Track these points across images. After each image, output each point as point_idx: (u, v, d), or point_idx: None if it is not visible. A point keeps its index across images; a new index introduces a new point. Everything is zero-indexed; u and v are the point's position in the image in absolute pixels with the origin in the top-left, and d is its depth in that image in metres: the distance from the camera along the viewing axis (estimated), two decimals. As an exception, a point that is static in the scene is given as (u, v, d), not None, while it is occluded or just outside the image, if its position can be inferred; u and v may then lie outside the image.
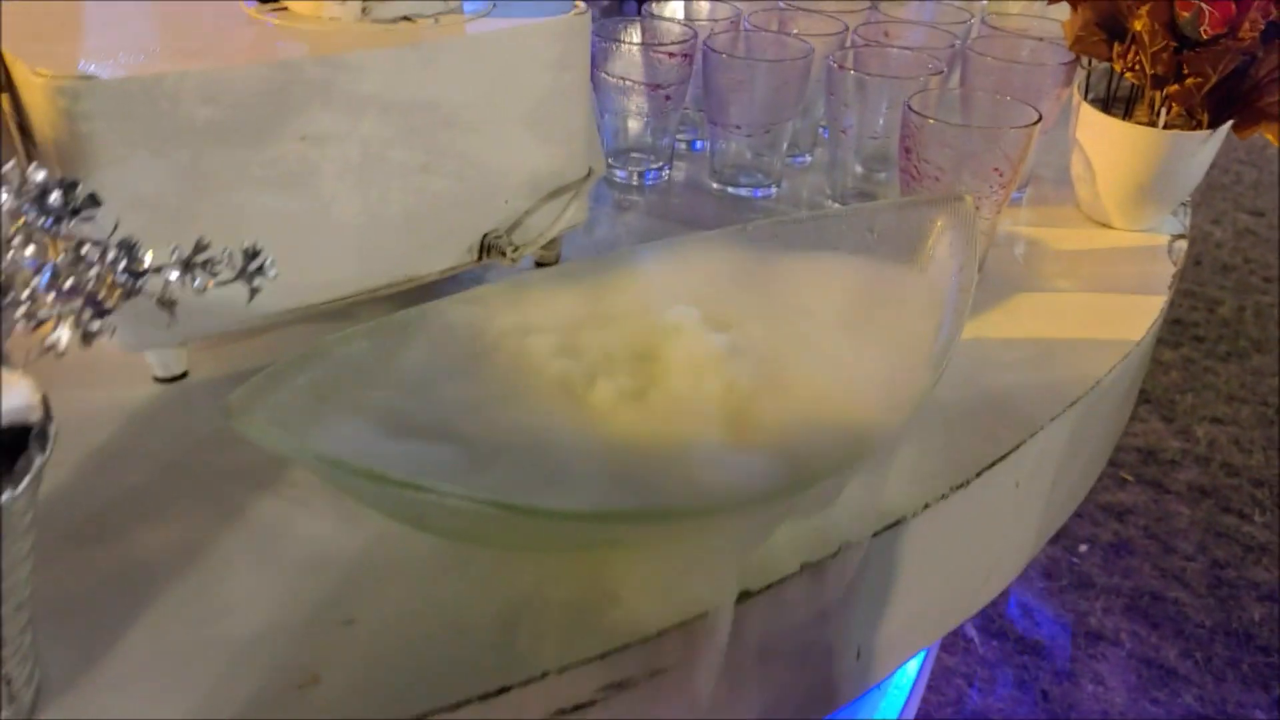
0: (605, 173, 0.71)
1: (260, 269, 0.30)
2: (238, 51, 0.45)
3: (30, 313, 0.26)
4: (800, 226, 0.51)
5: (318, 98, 0.45)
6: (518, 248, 0.54)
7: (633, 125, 0.72)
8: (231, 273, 0.30)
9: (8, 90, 0.43)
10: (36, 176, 0.28)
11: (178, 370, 0.49)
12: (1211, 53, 0.61)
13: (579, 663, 0.36)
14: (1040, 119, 0.58)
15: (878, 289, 0.48)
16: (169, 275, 0.29)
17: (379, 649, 0.36)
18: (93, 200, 0.28)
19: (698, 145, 0.80)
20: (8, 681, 0.30)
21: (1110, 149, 0.68)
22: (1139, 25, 0.63)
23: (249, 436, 0.35)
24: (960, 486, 0.45)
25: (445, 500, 0.34)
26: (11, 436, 0.28)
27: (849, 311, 0.47)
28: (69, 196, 0.28)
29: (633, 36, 0.73)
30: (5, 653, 0.30)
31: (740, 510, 0.37)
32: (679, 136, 0.79)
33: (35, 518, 0.29)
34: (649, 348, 0.44)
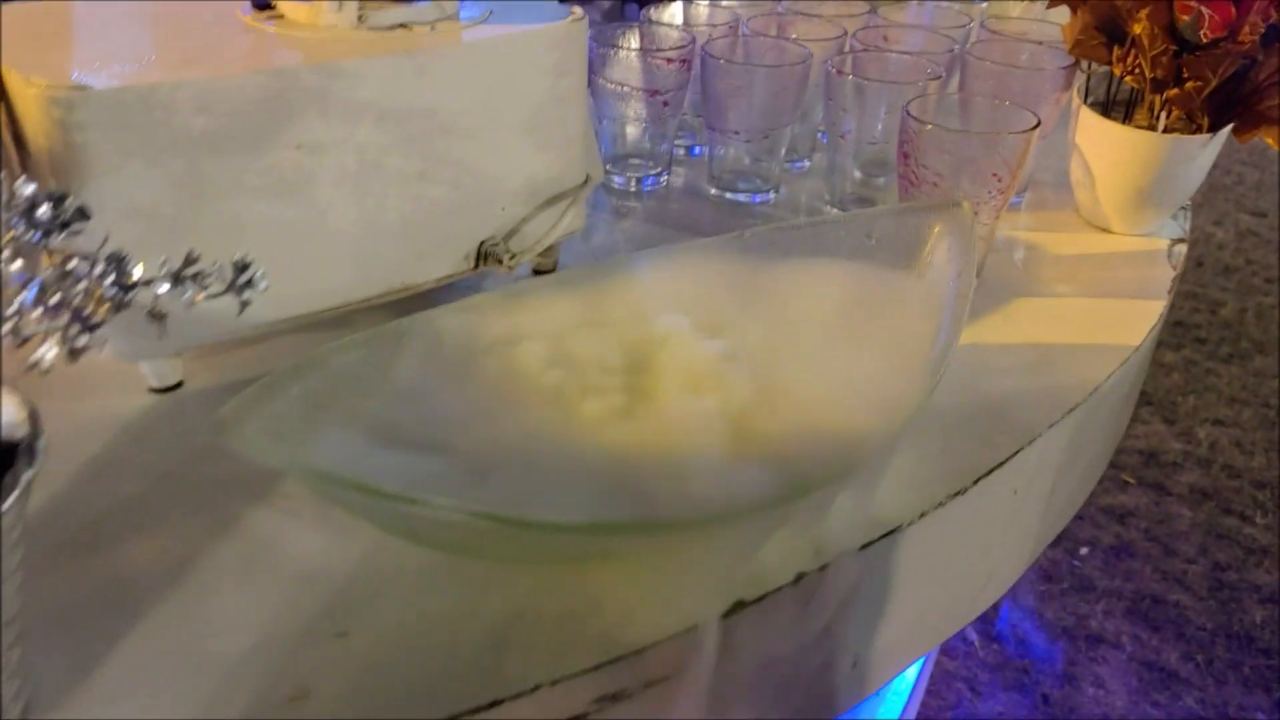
0: (603, 179, 0.71)
1: (250, 282, 0.30)
2: (233, 60, 0.45)
3: (16, 329, 0.26)
4: (798, 233, 0.51)
5: (314, 106, 0.45)
6: (515, 255, 0.54)
7: (631, 131, 0.72)
8: (221, 286, 0.30)
9: (1, 100, 0.43)
10: (25, 190, 0.28)
11: (173, 380, 0.49)
12: (1211, 56, 0.61)
13: (572, 675, 0.35)
14: (1039, 124, 0.58)
15: (875, 295, 0.48)
16: (158, 289, 0.29)
17: (371, 661, 0.36)
18: (82, 213, 0.28)
19: (696, 151, 0.80)
20: (-2, 696, 0.30)
21: (1110, 153, 0.67)
22: (1139, 29, 0.63)
23: (240, 451, 0.34)
24: (958, 494, 0.45)
25: (438, 513, 0.34)
26: (1, 451, 0.28)
27: (846, 318, 0.47)
28: (58, 210, 0.28)
29: (631, 42, 0.73)
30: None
31: (734, 521, 0.36)
32: (677, 142, 0.79)
33: (25, 532, 0.29)
34: (643, 356, 0.44)
